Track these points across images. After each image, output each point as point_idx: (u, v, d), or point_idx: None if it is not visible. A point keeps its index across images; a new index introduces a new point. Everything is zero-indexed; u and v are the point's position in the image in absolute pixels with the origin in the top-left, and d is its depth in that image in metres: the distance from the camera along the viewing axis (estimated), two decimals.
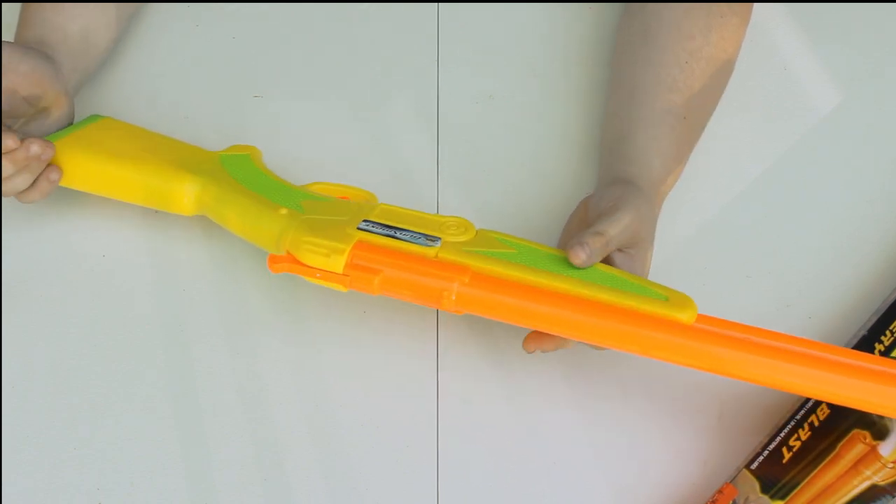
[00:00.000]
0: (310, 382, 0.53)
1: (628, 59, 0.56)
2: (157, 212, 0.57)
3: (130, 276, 0.56)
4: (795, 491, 0.46)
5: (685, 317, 0.43)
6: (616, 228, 0.45)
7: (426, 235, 0.46)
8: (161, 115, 0.61)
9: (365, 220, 0.47)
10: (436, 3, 0.65)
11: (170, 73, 0.63)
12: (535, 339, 0.47)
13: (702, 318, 0.44)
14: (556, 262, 0.45)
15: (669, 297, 0.44)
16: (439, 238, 0.46)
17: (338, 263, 0.45)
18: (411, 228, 0.47)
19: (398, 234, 0.46)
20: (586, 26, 0.64)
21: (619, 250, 0.47)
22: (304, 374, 0.53)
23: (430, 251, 0.45)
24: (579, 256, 0.44)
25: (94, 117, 0.57)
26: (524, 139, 0.60)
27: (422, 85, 0.62)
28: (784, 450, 0.48)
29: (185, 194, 0.52)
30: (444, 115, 0.61)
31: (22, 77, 0.51)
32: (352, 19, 0.64)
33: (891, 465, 0.45)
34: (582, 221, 0.51)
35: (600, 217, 0.46)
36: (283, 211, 0.49)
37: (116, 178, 0.53)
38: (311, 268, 0.46)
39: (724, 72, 0.55)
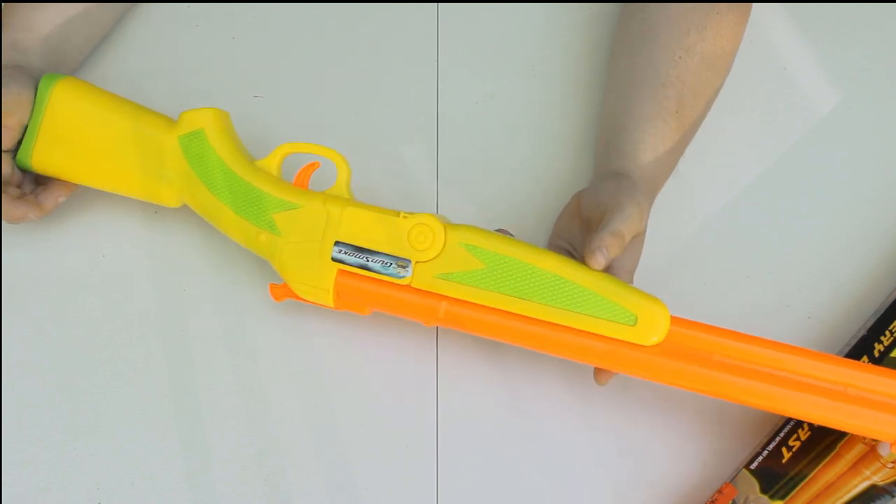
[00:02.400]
0: (310, 382, 0.53)
1: (625, 57, 0.56)
2: (156, 212, 0.57)
3: (130, 277, 0.56)
4: (795, 491, 0.46)
5: (653, 340, 0.44)
6: (628, 225, 0.46)
7: (397, 260, 0.47)
8: None
9: (337, 244, 0.48)
10: (436, 3, 0.65)
11: (170, 73, 0.63)
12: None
13: (676, 320, 0.45)
14: (526, 277, 0.46)
15: (639, 315, 0.44)
16: (409, 261, 0.47)
17: (327, 300, 0.49)
18: (381, 249, 0.48)
19: (370, 263, 0.48)
20: (586, 26, 0.63)
21: None
22: (303, 373, 0.53)
23: (403, 282, 0.47)
24: (600, 263, 0.45)
25: (48, 81, 0.52)
26: (524, 139, 0.60)
27: (422, 85, 0.62)
28: (784, 449, 0.48)
29: (164, 202, 0.53)
30: (444, 115, 0.61)
31: (9, 113, 0.51)
32: (352, 19, 0.64)
33: (890, 464, 0.45)
34: (574, 217, 0.51)
35: (608, 213, 0.47)
36: (262, 237, 0.50)
37: (94, 181, 0.54)
38: (305, 300, 0.50)
39: (719, 68, 0.55)
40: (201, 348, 0.54)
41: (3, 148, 0.51)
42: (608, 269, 0.47)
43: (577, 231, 0.51)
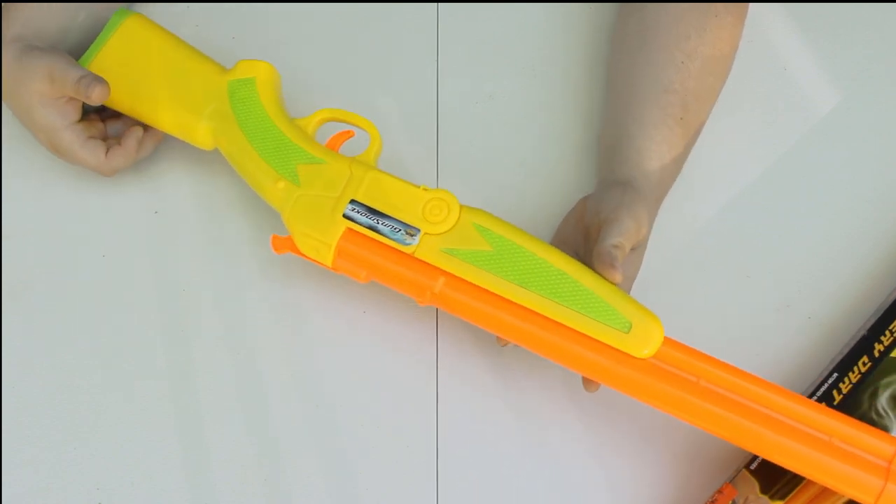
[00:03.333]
0: (310, 382, 0.53)
1: (625, 60, 0.56)
2: (156, 212, 0.58)
3: (130, 277, 0.56)
4: (795, 491, 0.46)
5: (644, 352, 0.44)
6: (626, 237, 0.46)
7: (406, 228, 0.48)
8: None
9: (352, 202, 0.49)
10: (436, 3, 0.65)
11: None
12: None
13: (669, 342, 0.45)
14: (530, 266, 0.46)
15: (634, 323, 0.44)
16: (419, 231, 0.47)
17: (327, 258, 0.49)
18: (394, 215, 0.48)
19: (380, 226, 0.48)
20: (586, 26, 0.63)
21: None
22: (304, 374, 0.53)
23: (408, 249, 0.47)
24: (618, 277, 0.45)
25: (120, 15, 0.56)
26: (524, 139, 0.60)
27: (422, 85, 0.62)
28: None
29: (197, 141, 0.55)
30: (444, 115, 0.61)
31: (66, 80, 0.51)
32: (352, 19, 0.64)
33: None
34: (578, 222, 0.51)
35: (605, 225, 0.47)
36: (281, 185, 0.50)
37: (137, 109, 0.55)
38: (305, 256, 0.50)
39: (720, 71, 0.55)
40: (201, 348, 0.54)
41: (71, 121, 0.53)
42: None
43: (580, 237, 0.51)
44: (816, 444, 0.42)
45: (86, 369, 0.53)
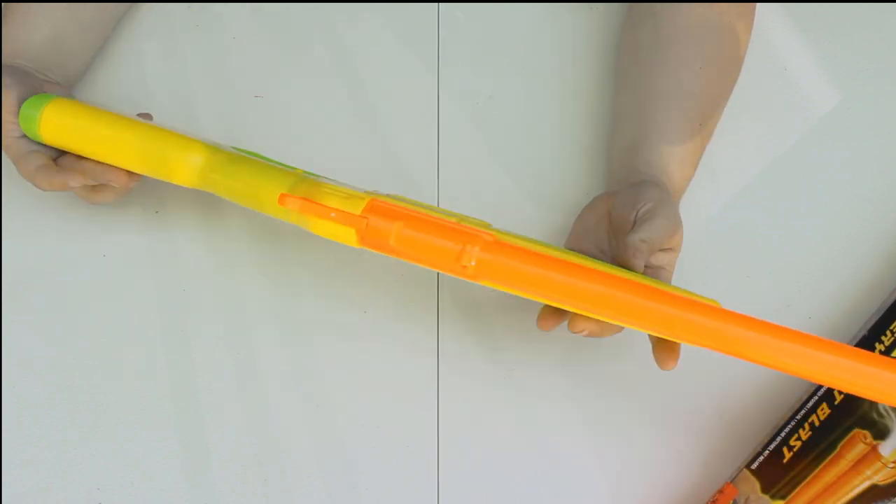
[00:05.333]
0: (310, 382, 0.53)
1: (641, 63, 0.55)
2: (157, 212, 0.57)
3: (130, 276, 0.56)
4: (796, 491, 0.46)
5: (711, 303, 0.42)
6: (658, 237, 0.45)
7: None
8: (161, 116, 0.61)
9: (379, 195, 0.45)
10: (436, 3, 0.65)
11: (170, 74, 0.63)
12: (577, 320, 0.43)
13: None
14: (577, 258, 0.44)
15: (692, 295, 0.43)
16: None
17: (357, 206, 0.43)
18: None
19: (416, 205, 0.44)
20: (588, 27, 0.64)
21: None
22: (304, 374, 0.53)
23: (451, 218, 0.42)
24: (639, 265, 0.43)
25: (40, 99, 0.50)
26: (524, 139, 0.60)
27: (422, 85, 0.62)
28: (785, 449, 0.48)
29: (189, 161, 0.49)
30: (444, 115, 0.61)
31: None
32: (352, 19, 0.64)
33: (891, 465, 0.45)
34: (603, 217, 0.50)
35: (640, 220, 0.46)
36: (299, 171, 0.47)
37: (112, 140, 0.50)
38: (326, 207, 0.43)
39: (733, 76, 0.56)
40: (201, 348, 0.54)
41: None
42: None
43: (604, 234, 0.50)
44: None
45: (86, 369, 0.53)
